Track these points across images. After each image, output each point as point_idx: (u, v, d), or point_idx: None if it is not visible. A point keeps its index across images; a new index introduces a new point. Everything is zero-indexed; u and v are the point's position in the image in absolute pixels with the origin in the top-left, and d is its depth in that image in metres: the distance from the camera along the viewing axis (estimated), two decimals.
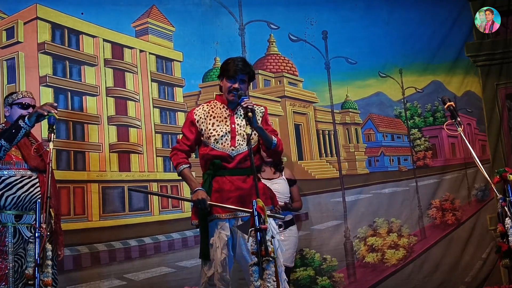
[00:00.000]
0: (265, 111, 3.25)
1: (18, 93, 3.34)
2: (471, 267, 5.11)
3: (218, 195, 3.05)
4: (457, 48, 5.45)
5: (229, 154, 3.06)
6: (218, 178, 3.07)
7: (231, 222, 3.05)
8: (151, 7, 4.81)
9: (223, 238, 3.00)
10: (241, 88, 3.10)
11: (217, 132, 3.10)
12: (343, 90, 5.32)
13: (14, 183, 3.10)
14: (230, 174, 3.06)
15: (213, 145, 3.09)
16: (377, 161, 5.35)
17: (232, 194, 3.03)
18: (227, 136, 3.09)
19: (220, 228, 3.02)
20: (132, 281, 4.30)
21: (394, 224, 5.13)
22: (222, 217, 3.04)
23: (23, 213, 3.14)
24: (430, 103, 5.47)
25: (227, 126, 3.11)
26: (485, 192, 5.31)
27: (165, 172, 4.67)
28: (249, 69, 3.16)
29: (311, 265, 4.84)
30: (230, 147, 3.07)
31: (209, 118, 3.16)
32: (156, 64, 4.82)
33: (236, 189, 3.03)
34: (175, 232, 4.58)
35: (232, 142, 3.07)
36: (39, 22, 4.32)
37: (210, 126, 3.13)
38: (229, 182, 3.05)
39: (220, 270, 2.96)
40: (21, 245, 3.11)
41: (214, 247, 3.00)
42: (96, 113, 4.47)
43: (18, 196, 3.10)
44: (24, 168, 3.15)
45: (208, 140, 3.11)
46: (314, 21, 5.20)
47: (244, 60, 3.20)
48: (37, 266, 2.64)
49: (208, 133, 3.11)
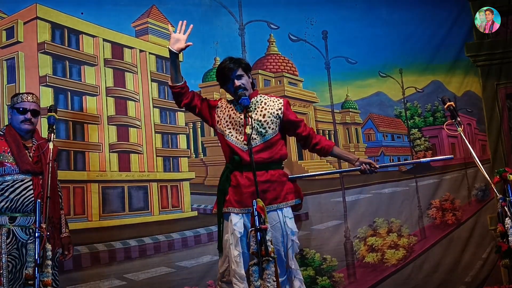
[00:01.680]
0: (285, 104, 3.21)
1: (19, 95, 3.33)
2: (471, 267, 5.11)
3: (236, 190, 3.07)
4: (457, 48, 5.45)
5: (241, 148, 3.08)
6: (236, 173, 3.09)
7: (245, 217, 3.05)
8: (151, 7, 4.81)
9: (236, 235, 3.00)
10: (242, 83, 3.10)
11: (232, 125, 3.14)
12: (343, 90, 5.32)
13: (5, 188, 3.12)
14: (247, 170, 3.03)
15: (228, 137, 3.13)
16: (377, 161, 5.35)
17: (247, 190, 3.03)
18: (241, 130, 3.10)
19: (234, 224, 3.03)
20: (132, 281, 4.30)
21: (394, 224, 5.13)
22: (236, 212, 3.05)
23: (17, 216, 3.15)
24: (430, 103, 5.47)
25: (241, 120, 3.10)
26: (485, 192, 5.31)
27: (165, 172, 4.67)
28: (238, 62, 3.16)
29: (311, 265, 4.84)
30: (243, 142, 3.08)
31: (227, 110, 3.19)
32: (156, 64, 4.82)
33: (252, 184, 2.97)
34: (175, 232, 4.57)
35: (245, 137, 3.06)
36: (39, 22, 4.31)
37: (227, 117, 3.17)
38: (246, 178, 3.05)
39: (234, 267, 2.96)
40: (14, 245, 3.11)
41: (228, 243, 3.02)
42: (96, 113, 4.47)
43: (10, 200, 3.11)
44: (16, 172, 3.16)
45: (224, 132, 3.16)
46: (314, 21, 5.20)
47: (231, 58, 3.20)
48: (37, 266, 2.64)
49: (224, 125, 3.16)
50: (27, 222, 3.17)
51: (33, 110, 3.29)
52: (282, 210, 3.09)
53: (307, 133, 3.24)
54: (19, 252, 3.12)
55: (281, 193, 3.10)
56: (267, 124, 3.12)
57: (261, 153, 3.07)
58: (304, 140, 3.27)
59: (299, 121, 3.25)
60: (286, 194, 3.11)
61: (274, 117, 3.14)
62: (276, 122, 3.15)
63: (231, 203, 3.06)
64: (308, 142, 3.26)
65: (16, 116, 3.26)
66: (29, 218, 3.17)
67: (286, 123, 3.19)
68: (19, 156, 3.16)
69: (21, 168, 3.15)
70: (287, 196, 3.11)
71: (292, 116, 3.22)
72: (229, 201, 3.07)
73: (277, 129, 3.15)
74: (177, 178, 4.71)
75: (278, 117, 3.16)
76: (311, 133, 3.25)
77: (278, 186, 3.10)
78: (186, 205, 4.66)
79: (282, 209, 3.09)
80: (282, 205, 3.09)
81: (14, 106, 3.28)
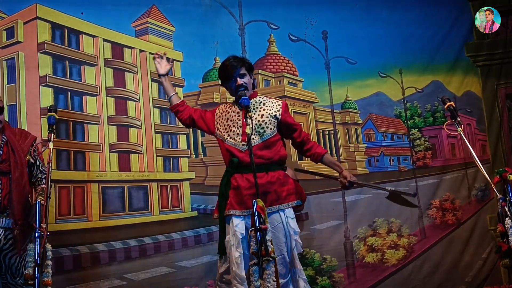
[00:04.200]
0: (283, 106, 3.21)
1: None
2: (471, 267, 5.11)
3: (236, 192, 3.07)
4: (457, 48, 5.45)
5: (239, 149, 3.09)
6: (236, 175, 3.09)
7: (246, 219, 3.05)
8: (151, 7, 4.80)
9: (238, 236, 3.00)
10: (244, 82, 3.12)
11: (230, 128, 3.15)
12: (343, 90, 5.32)
13: None
14: (246, 172, 3.04)
15: (227, 140, 3.14)
16: (377, 161, 5.35)
17: (247, 192, 3.03)
18: (239, 131, 3.11)
19: (235, 225, 3.03)
20: (132, 281, 4.30)
21: (394, 224, 5.13)
22: (237, 214, 3.05)
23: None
24: (430, 103, 5.47)
25: (239, 121, 3.13)
26: (485, 192, 5.31)
27: (165, 172, 4.67)
28: (242, 61, 3.19)
29: (311, 265, 4.84)
30: (241, 142, 3.09)
31: (225, 114, 3.22)
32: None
33: (252, 186, 2.98)
34: (175, 232, 4.57)
35: (243, 137, 3.06)
36: (39, 22, 4.31)
37: (225, 121, 3.19)
38: (246, 179, 3.06)
39: (234, 268, 2.96)
40: None
41: (229, 245, 3.02)
42: (96, 113, 4.47)
43: None
44: None
45: (223, 136, 3.17)
46: (314, 21, 5.20)
47: (234, 56, 3.22)
48: (37, 266, 2.64)
49: (222, 129, 3.18)
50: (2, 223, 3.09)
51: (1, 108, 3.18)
52: (284, 211, 3.09)
53: (302, 138, 3.27)
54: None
55: (282, 194, 3.09)
56: (265, 124, 3.12)
57: (260, 152, 3.07)
58: (298, 145, 3.31)
59: (296, 126, 3.27)
60: (287, 195, 3.11)
61: (272, 118, 3.15)
62: (274, 123, 3.15)
63: (232, 205, 3.06)
64: (301, 147, 3.31)
65: None
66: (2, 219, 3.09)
67: (283, 125, 3.20)
68: None
69: None
70: (289, 197, 3.11)
71: (290, 119, 3.24)
72: (230, 204, 3.07)
73: (275, 129, 3.16)
74: (177, 178, 4.71)
75: (276, 118, 3.16)
76: (305, 139, 3.28)
77: (279, 187, 3.09)
78: (186, 205, 4.66)
79: (284, 210, 3.09)
80: (283, 206, 3.09)
81: None
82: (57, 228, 4.03)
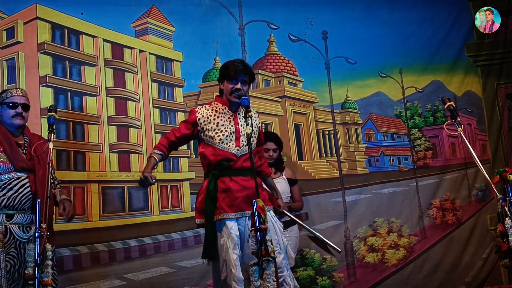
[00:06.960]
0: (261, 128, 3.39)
1: (7, 91, 3.32)
2: (471, 267, 5.11)
3: (226, 195, 3.08)
4: (457, 48, 5.45)
5: (234, 154, 3.11)
6: (224, 178, 3.10)
7: (239, 221, 3.07)
8: (151, 7, 4.81)
9: (234, 239, 3.01)
10: (243, 89, 3.15)
11: (222, 132, 3.14)
12: (343, 90, 5.32)
13: (2, 186, 3.10)
14: (235, 175, 3.09)
15: (218, 145, 3.13)
16: (377, 161, 5.35)
17: (239, 194, 3.06)
18: (232, 136, 3.14)
19: (230, 228, 3.04)
20: (132, 281, 4.30)
21: (394, 224, 5.13)
22: (230, 217, 3.06)
23: (14, 213, 3.13)
24: (430, 103, 5.47)
25: (232, 127, 3.16)
26: (485, 192, 5.31)
27: (165, 172, 4.67)
28: (249, 69, 3.25)
29: (311, 265, 4.84)
30: (235, 147, 3.12)
31: (213, 118, 3.19)
32: (156, 64, 4.82)
33: (243, 188, 3.07)
34: (175, 232, 4.57)
35: (237, 143, 3.12)
36: (39, 22, 4.31)
37: (215, 126, 3.17)
38: (235, 182, 3.08)
39: (234, 271, 2.97)
40: (12, 245, 3.09)
41: (225, 248, 3.01)
42: (96, 113, 4.47)
43: (7, 198, 3.10)
44: (11, 170, 3.14)
45: (213, 140, 3.14)
46: (314, 21, 5.20)
47: (243, 61, 3.28)
48: (37, 266, 2.64)
49: (213, 133, 3.14)
50: (25, 220, 3.15)
51: (24, 104, 3.27)
52: (270, 212, 3.17)
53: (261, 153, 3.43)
54: (17, 252, 3.09)
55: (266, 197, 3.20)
56: (254, 134, 3.17)
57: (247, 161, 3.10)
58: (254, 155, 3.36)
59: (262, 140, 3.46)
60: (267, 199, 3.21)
61: (257, 129, 3.26)
62: (257, 133, 3.28)
63: (223, 209, 3.06)
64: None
65: (7, 111, 3.23)
66: (26, 215, 3.16)
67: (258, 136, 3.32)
68: (13, 154, 3.15)
69: (15, 166, 3.14)
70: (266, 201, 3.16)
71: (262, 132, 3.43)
72: (220, 207, 3.07)
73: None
74: (177, 178, 4.71)
75: (258, 128, 3.30)
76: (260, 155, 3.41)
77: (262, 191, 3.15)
78: (186, 205, 4.66)
79: (269, 211, 3.16)
80: (268, 208, 3.12)
81: (4, 101, 3.25)
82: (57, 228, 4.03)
